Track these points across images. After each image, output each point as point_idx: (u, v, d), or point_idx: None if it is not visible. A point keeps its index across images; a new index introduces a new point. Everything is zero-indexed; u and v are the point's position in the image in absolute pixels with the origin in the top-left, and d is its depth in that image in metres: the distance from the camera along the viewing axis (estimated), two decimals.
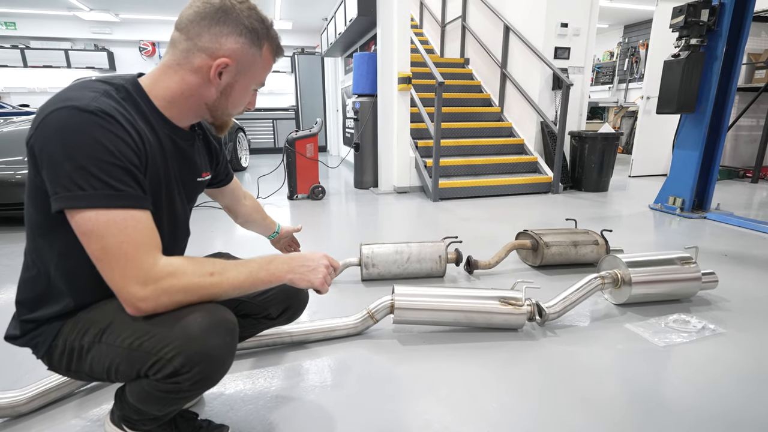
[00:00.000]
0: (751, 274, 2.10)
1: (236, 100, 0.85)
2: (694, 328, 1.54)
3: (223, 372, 0.77)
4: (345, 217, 3.41)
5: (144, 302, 0.69)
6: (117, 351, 0.73)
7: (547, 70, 4.34)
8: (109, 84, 0.75)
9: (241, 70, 0.81)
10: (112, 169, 0.67)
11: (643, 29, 8.48)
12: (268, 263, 0.81)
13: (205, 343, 0.71)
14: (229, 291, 0.76)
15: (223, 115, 0.87)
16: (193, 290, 0.72)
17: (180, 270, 0.71)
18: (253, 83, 0.85)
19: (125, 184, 0.68)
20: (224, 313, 0.76)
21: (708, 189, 3.30)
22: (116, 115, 0.69)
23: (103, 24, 7.93)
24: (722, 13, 2.90)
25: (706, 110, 3.06)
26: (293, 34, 8.97)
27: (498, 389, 1.22)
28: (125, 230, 0.67)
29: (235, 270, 0.77)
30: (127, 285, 0.68)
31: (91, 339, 0.76)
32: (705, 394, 1.20)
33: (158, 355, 0.70)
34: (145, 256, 0.69)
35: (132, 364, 0.73)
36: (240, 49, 0.79)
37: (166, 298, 0.70)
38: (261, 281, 0.79)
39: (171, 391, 0.73)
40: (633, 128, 7.25)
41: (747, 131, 5.04)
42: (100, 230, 0.66)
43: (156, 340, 0.70)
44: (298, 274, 0.83)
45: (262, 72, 0.85)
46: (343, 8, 5.33)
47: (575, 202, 3.84)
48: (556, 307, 1.55)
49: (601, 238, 2.15)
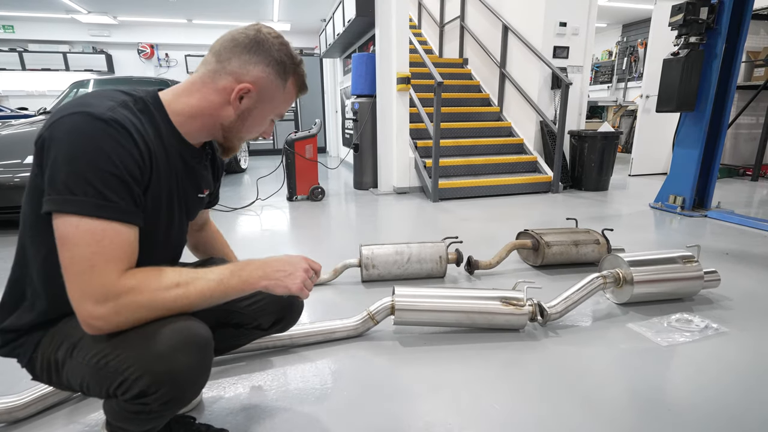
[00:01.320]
0: (753, 272, 2.09)
1: (252, 125, 0.87)
2: (696, 327, 1.53)
3: (194, 391, 0.73)
4: (345, 218, 3.39)
5: (98, 320, 0.65)
6: (86, 369, 0.70)
7: (546, 69, 4.33)
8: (128, 95, 0.76)
9: (262, 98, 0.84)
10: (109, 179, 0.66)
11: (641, 28, 8.48)
12: (240, 269, 0.77)
13: (172, 362, 0.67)
14: (199, 302, 0.72)
15: (234, 138, 0.88)
16: (158, 305, 0.69)
17: (141, 285, 0.68)
18: (272, 113, 0.88)
19: (118, 195, 0.67)
20: (195, 328, 0.71)
21: (708, 187, 3.29)
22: (128, 127, 0.69)
23: (101, 26, 7.93)
24: (721, 11, 2.90)
25: (705, 108, 3.05)
26: (291, 36, 8.96)
27: (500, 390, 1.21)
28: (101, 242, 0.65)
29: (204, 279, 0.73)
30: (84, 301, 0.65)
31: (63, 354, 0.73)
32: (708, 393, 1.19)
33: (124, 375, 0.66)
34: (110, 272, 0.66)
35: (100, 384, 0.70)
36: (265, 78, 0.82)
37: (126, 316, 0.67)
38: (233, 289, 0.75)
39: (140, 411, 0.70)
40: (632, 127, 7.24)
41: (747, 129, 5.03)
42: (76, 238, 0.64)
43: (121, 360, 0.67)
44: (273, 280, 0.79)
45: (283, 104, 0.88)
46: (342, 9, 5.33)
47: (575, 202, 3.84)
48: (557, 307, 1.54)
49: (602, 237, 2.14)
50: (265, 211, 3.59)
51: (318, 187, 3.96)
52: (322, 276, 1.97)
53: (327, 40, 6.74)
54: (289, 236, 2.91)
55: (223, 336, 1.06)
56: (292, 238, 2.89)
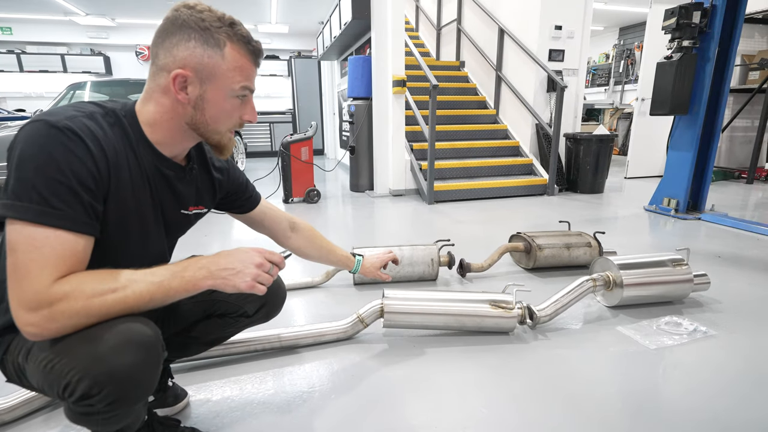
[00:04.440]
0: (745, 275, 2.10)
1: (215, 113, 0.79)
2: (685, 331, 1.54)
3: (141, 391, 0.70)
4: (340, 221, 3.40)
5: (32, 327, 0.64)
6: (38, 372, 0.70)
7: (541, 72, 4.35)
8: (100, 107, 0.75)
9: (203, 78, 0.75)
10: (56, 187, 0.65)
11: (638, 31, 8.51)
12: (183, 270, 0.73)
13: (111, 362, 0.65)
14: (138, 305, 0.70)
15: (209, 133, 0.81)
16: (93, 311, 0.66)
17: (75, 291, 0.65)
18: (228, 90, 0.78)
19: (65, 203, 0.66)
20: (138, 327, 0.69)
21: (702, 190, 3.30)
22: (83, 136, 0.68)
23: (99, 29, 7.94)
24: (714, 15, 2.91)
25: (699, 112, 3.07)
26: (290, 38, 8.99)
27: (489, 393, 1.21)
28: (40, 249, 0.64)
29: (144, 282, 0.70)
30: (18, 308, 0.64)
31: (22, 358, 0.73)
32: (696, 397, 1.19)
33: (66, 378, 0.66)
34: (44, 278, 0.64)
35: (51, 387, 0.69)
36: (192, 55, 0.74)
37: (62, 322, 0.65)
38: (175, 291, 0.72)
39: (88, 413, 0.69)
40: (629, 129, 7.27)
41: (742, 132, 5.05)
42: (17, 244, 0.64)
43: (64, 363, 0.66)
44: (219, 279, 0.75)
45: (234, 74, 0.77)
46: (338, 12, 5.35)
47: (570, 204, 3.84)
48: (547, 310, 1.55)
49: (594, 240, 2.14)
50: None
51: (314, 189, 3.96)
52: (315, 279, 1.97)
53: (324, 43, 6.75)
54: None
55: (209, 328, 1.07)
56: None
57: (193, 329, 1.06)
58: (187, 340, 1.07)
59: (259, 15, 7.38)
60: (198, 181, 0.95)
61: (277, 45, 9.14)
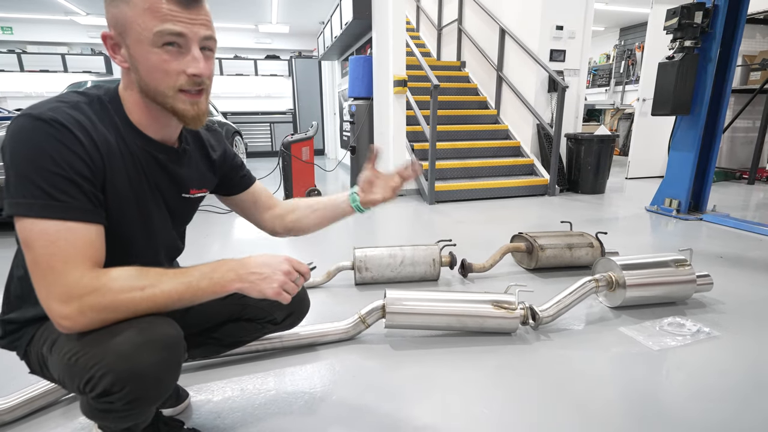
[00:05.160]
0: (747, 275, 2.09)
1: (146, 69, 0.71)
2: (688, 332, 1.53)
3: (161, 390, 0.71)
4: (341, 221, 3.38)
5: (66, 320, 0.65)
6: (61, 365, 0.71)
7: (542, 72, 4.34)
8: (84, 95, 0.74)
9: (122, 32, 0.70)
10: (54, 179, 0.65)
11: (639, 32, 8.51)
12: (212, 271, 0.73)
13: (135, 360, 0.66)
14: (167, 304, 0.70)
15: (159, 97, 0.73)
16: (122, 307, 0.67)
17: (105, 286, 0.66)
18: (145, 39, 0.69)
19: (67, 194, 0.65)
20: (163, 327, 0.70)
21: (704, 191, 3.29)
22: (69, 125, 0.67)
23: (99, 28, 7.92)
24: (716, 15, 2.91)
25: (701, 112, 3.06)
26: (290, 38, 8.99)
27: (491, 394, 1.21)
28: (56, 243, 0.64)
29: (174, 281, 0.70)
30: (50, 301, 0.65)
31: (47, 349, 0.75)
32: (700, 398, 1.18)
33: (90, 372, 0.66)
34: (71, 271, 0.65)
35: (72, 380, 0.70)
36: (110, 12, 0.71)
37: (90, 317, 0.66)
38: (203, 292, 0.72)
39: (107, 410, 0.69)
40: (630, 130, 7.26)
41: (743, 133, 5.04)
42: (31, 240, 0.64)
43: (89, 357, 0.67)
44: (247, 282, 0.74)
45: (144, 18, 0.68)
46: (339, 12, 5.35)
47: (571, 205, 3.84)
48: (549, 310, 1.54)
49: (596, 240, 2.14)
50: None
51: (314, 189, 3.96)
52: (316, 279, 1.97)
53: (325, 43, 6.75)
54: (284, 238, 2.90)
55: (233, 331, 1.07)
56: (287, 240, 2.88)
57: (216, 330, 1.06)
58: (208, 340, 1.07)
59: (260, 15, 7.38)
60: (196, 163, 0.92)
61: (278, 45, 9.14)
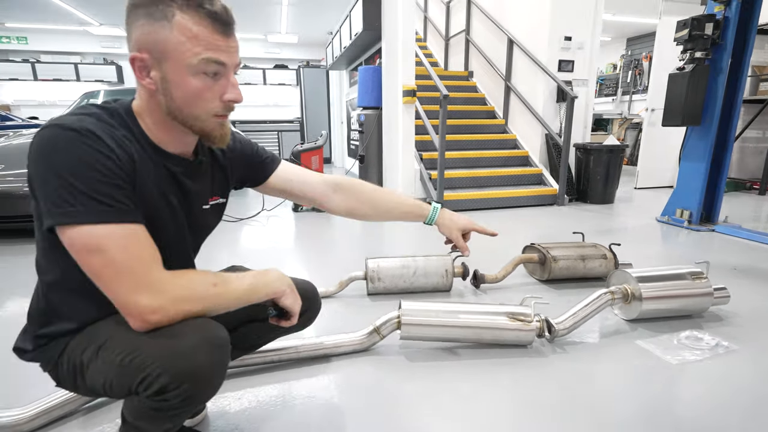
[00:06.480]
0: (762, 288, 2.07)
1: (182, 95, 0.72)
2: (707, 345, 1.51)
3: (211, 389, 0.75)
4: (350, 230, 3.40)
5: (155, 314, 0.68)
6: (110, 367, 0.72)
7: (551, 82, 4.36)
8: (103, 109, 0.75)
9: (160, 57, 0.69)
10: (98, 185, 0.66)
11: (645, 42, 8.53)
12: (262, 275, 0.83)
13: (192, 360, 0.69)
14: (232, 302, 0.77)
15: (189, 120, 0.75)
16: (199, 301, 0.73)
17: (186, 281, 0.72)
18: (185, 66, 0.69)
19: (114, 199, 0.67)
20: (215, 329, 0.74)
21: (716, 201, 3.27)
22: (100, 134, 0.68)
23: (112, 38, 8.08)
24: (726, 27, 2.91)
25: (712, 123, 3.05)
26: (299, 48, 9.10)
27: (508, 408, 1.19)
28: (126, 243, 0.68)
29: (237, 281, 0.78)
30: (135, 298, 0.67)
31: (89, 355, 0.75)
32: (720, 413, 1.16)
33: (146, 371, 0.68)
34: (151, 269, 0.69)
35: (123, 381, 0.71)
36: (144, 34, 0.69)
37: (175, 309, 0.70)
38: (257, 293, 0.81)
39: (160, 408, 0.71)
40: (638, 140, 7.24)
41: (753, 143, 5.01)
42: (100, 245, 0.66)
43: (144, 357, 0.69)
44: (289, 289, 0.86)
45: (189, 45, 0.68)
46: (349, 23, 5.41)
47: (581, 215, 3.82)
48: (565, 323, 1.53)
49: (610, 252, 2.12)
50: (271, 221, 3.61)
51: None
52: (329, 288, 1.97)
53: (334, 53, 6.83)
54: (295, 248, 2.92)
55: (250, 332, 1.08)
56: (298, 249, 2.89)
57: (234, 332, 1.06)
58: None
59: (270, 25, 7.49)
60: (211, 172, 0.93)
61: (287, 55, 9.25)
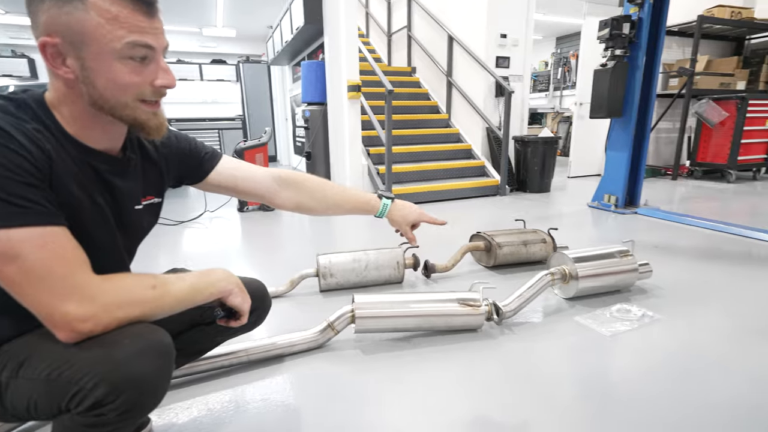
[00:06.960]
0: (679, 262, 2.31)
1: (108, 83, 0.65)
2: (635, 316, 1.66)
3: (155, 399, 0.69)
4: (298, 228, 3.33)
5: (85, 322, 0.62)
6: (35, 385, 0.65)
7: (489, 78, 4.54)
8: (8, 100, 0.67)
9: (75, 42, 0.63)
10: (10, 186, 0.59)
11: (573, 40, 9.15)
12: (206, 275, 0.80)
13: (132, 368, 0.63)
14: (174, 305, 0.73)
15: (117, 110, 0.68)
16: (136, 305, 0.67)
17: (120, 284, 0.66)
18: (110, 50, 0.63)
19: (30, 200, 0.61)
20: (157, 334, 0.69)
21: (637, 187, 3.60)
22: (8, 128, 0.61)
23: (21, 28, 7.23)
24: (641, 27, 3.20)
25: (632, 115, 3.35)
26: (237, 42, 8.72)
27: (464, 390, 1.23)
28: (46, 247, 0.61)
29: (179, 282, 0.74)
30: (61, 306, 0.61)
31: (8, 374, 0.67)
32: (649, 378, 1.28)
33: (79, 384, 0.62)
34: (76, 272, 0.63)
35: (51, 399, 0.64)
36: (52, 17, 0.62)
37: (108, 316, 0.64)
38: (201, 294, 0.78)
39: (95, 425, 0.64)
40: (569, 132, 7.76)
41: (666, 133, 5.58)
42: (15, 251, 0.59)
43: (76, 369, 0.62)
44: (236, 288, 0.83)
45: (110, 28, 0.62)
46: (289, 16, 5.27)
47: (521, 203, 4.03)
48: (511, 305, 1.61)
49: (548, 236, 2.26)
50: (215, 223, 3.44)
51: None
52: (279, 288, 1.92)
53: (275, 48, 6.62)
54: (242, 249, 2.81)
55: (195, 337, 1.02)
56: (246, 250, 2.79)
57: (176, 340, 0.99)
58: None
59: (204, 18, 7.10)
60: (143, 169, 0.86)
61: (225, 49, 8.85)
